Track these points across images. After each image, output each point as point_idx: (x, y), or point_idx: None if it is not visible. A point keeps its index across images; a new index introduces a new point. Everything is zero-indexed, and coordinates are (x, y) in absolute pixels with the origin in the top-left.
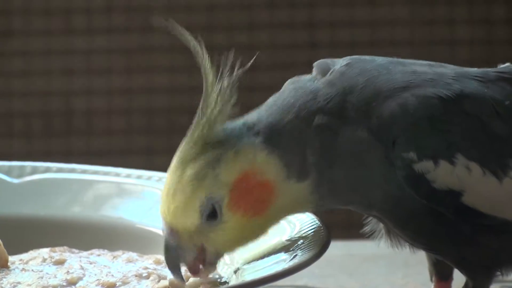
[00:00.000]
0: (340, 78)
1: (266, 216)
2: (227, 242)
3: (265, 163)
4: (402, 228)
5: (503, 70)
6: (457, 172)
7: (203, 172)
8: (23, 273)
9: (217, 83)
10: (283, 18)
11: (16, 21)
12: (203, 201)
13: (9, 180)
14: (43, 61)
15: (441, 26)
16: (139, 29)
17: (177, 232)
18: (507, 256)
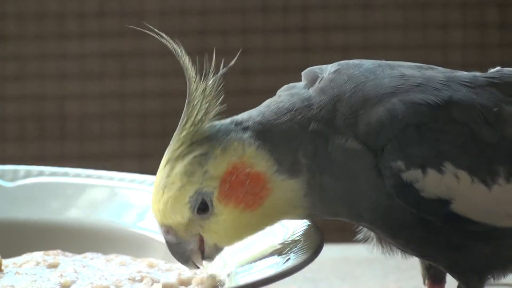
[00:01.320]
0: (330, 85)
1: (260, 212)
2: (222, 234)
3: (254, 156)
4: (392, 237)
5: (493, 75)
6: (446, 181)
7: (191, 169)
8: (17, 277)
9: (202, 82)
10: (276, 22)
11: (9, 25)
12: (192, 196)
13: (2, 183)
14: (37, 65)
15: (434, 30)
16: (132, 34)
17: (171, 229)
18: (497, 261)
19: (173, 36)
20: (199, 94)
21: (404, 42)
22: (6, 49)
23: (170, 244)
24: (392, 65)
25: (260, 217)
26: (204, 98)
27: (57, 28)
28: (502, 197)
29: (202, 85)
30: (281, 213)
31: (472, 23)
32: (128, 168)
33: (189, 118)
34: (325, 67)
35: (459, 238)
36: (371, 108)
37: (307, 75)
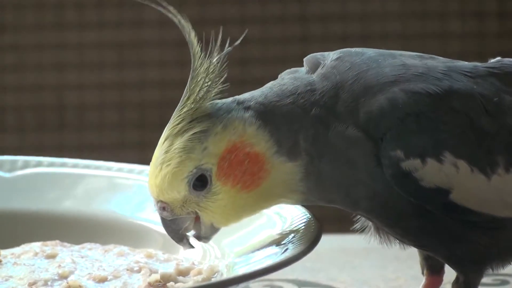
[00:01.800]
0: (332, 72)
1: (257, 193)
2: (219, 213)
3: (254, 136)
4: (390, 227)
5: (493, 65)
6: (445, 170)
7: (191, 145)
8: (15, 267)
9: (206, 60)
10: (275, 12)
11: (8, 15)
12: (191, 171)
13: (0, 174)
14: (35, 56)
15: (433, 20)
16: (131, 24)
17: (167, 205)
18: (496, 251)
19: (172, 28)
20: (203, 71)
21: (402, 32)
22: (5, 40)
23: (165, 221)
24: (393, 54)
25: (257, 199)
26: (207, 75)
27: (55, 18)
28: (501, 187)
29: (206, 62)
30: (277, 196)
31: (470, 13)
32: (127, 159)
33: (191, 95)
34: (327, 54)
35: (458, 229)
36: (372, 97)
37: (309, 61)
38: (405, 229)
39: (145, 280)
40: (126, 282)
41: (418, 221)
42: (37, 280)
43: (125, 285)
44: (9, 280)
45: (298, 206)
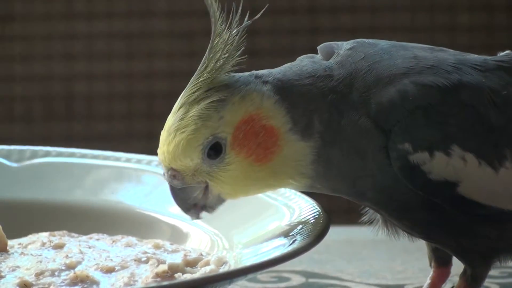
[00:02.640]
0: (348, 60)
1: (268, 168)
2: (229, 184)
3: (271, 110)
4: (398, 219)
5: (503, 59)
6: (453, 163)
7: (207, 113)
8: (22, 257)
9: (225, 30)
10: (284, 4)
11: (17, 5)
12: (206, 139)
13: (8, 164)
14: (44, 46)
15: (441, 12)
16: (140, 14)
17: (178, 173)
18: (504, 244)
19: (180, 18)
20: (223, 41)
21: (411, 24)
22: (14, 30)
23: (174, 190)
24: (405, 46)
25: (267, 174)
26: (226, 46)
27: (64, 9)
28: (509, 180)
29: (226, 33)
30: (287, 175)
31: (479, 5)
32: (135, 149)
33: (209, 64)
34: (341, 43)
35: (466, 222)
36: (383, 88)
37: (323, 50)
38: (413, 221)
39: (152, 270)
40: (133, 273)
41: (425, 213)
42: (44, 270)
43: (132, 275)
44: (16, 270)
45: (306, 198)
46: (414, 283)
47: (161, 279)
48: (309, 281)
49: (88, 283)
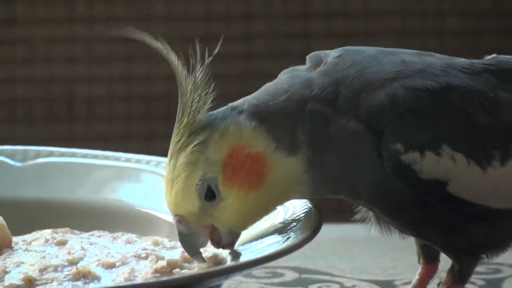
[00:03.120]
0: (333, 69)
1: (264, 191)
2: (233, 218)
3: (251, 136)
4: (390, 217)
5: (489, 62)
6: (443, 163)
7: (194, 158)
8: (26, 254)
9: (190, 76)
10: (278, 9)
11: (19, 9)
12: (198, 183)
13: (12, 163)
14: (45, 49)
15: (431, 18)
16: (138, 19)
17: (183, 219)
18: (491, 241)
19: (178, 22)
20: (190, 88)
21: (402, 29)
22: (16, 33)
23: (181, 235)
24: (393, 52)
25: (266, 196)
26: (195, 90)
27: (65, 13)
28: (496, 179)
29: (191, 79)
30: (284, 190)
31: (467, 11)
32: (134, 149)
33: (184, 111)
34: (329, 52)
35: (455, 219)
36: (373, 92)
37: (312, 59)
38: (405, 219)
39: (152, 266)
40: (133, 269)
41: (417, 211)
42: (48, 266)
43: (132, 271)
44: (20, 266)
45: None
46: (403, 279)
47: (160, 274)
48: (302, 277)
49: (90, 279)
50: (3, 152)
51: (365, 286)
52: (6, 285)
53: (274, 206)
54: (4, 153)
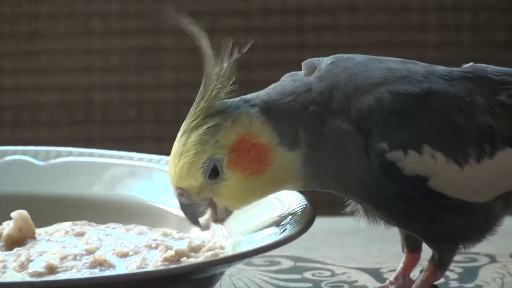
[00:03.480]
0: (327, 74)
1: (263, 179)
2: (231, 198)
3: (259, 129)
4: (377, 209)
5: (466, 70)
6: (424, 161)
7: (205, 138)
8: (48, 244)
9: (218, 65)
10: (275, 23)
11: (42, 24)
12: (205, 162)
13: (36, 162)
14: (65, 60)
15: (413, 31)
16: (150, 32)
17: (185, 191)
18: (468, 232)
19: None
20: (215, 75)
21: (387, 41)
22: (39, 45)
23: (183, 206)
24: (380, 60)
25: (263, 184)
26: (218, 78)
27: (83, 27)
28: (472, 176)
29: (217, 67)
30: (281, 181)
31: (446, 25)
32: (145, 150)
33: (205, 95)
34: (322, 59)
35: (435, 212)
36: (362, 96)
37: (307, 65)
38: (390, 211)
39: (161, 255)
40: (145, 257)
41: (400, 204)
42: (68, 255)
43: (144, 260)
44: (43, 255)
45: (295, 193)
46: (389, 267)
47: (169, 262)
48: (297, 265)
49: (105, 266)
50: (27, 152)
51: (354, 273)
52: (30, 272)
53: (268, 193)
54: (28, 153)
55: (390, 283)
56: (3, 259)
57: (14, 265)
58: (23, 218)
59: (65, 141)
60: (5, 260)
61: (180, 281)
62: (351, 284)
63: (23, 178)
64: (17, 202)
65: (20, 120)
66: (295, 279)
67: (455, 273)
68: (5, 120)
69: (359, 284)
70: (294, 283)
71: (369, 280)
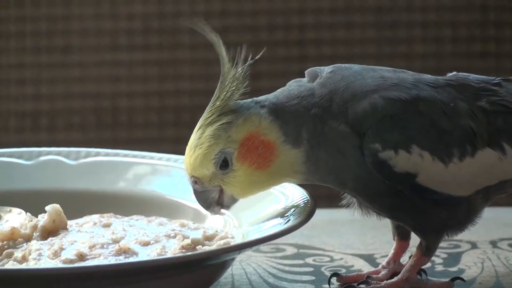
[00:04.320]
0: (328, 82)
1: (268, 172)
2: (238, 187)
3: (267, 128)
4: (370, 202)
5: (450, 78)
6: (413, 159)
7: (218, 133)
8: (79, 234)
9: (233, 69)
10: (279, 38)
11: (74, 39)
12: (217, 154)
13: (68, 162)
14: (95, 71)
15: (400, 43)
16: (169, 46)
17: (199, 179)
18: (452, 222)
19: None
20: (230, 77)
21: (377, 53)
22: (72, 58)
23: (196, 192)
24: (374, 69)
25: (268, 177)
26: (233, 81)
27: (111, 42)
28: (456, 173)
29: (233, 71)
30: (284, 175)
31: (430, 38)
32: (165, 150)
33: (220, 95)
34: (323, 68)
35: (422, 205)
36: (358, 101)
37: (310, 73)
38: (381, 204)
39: (179, 244)
40: (164, 246)
41: (391, 198)
42: (96, 244)
43: (163, 247)
44: (73, 244)
45: (297, 187)
46: (381, 253)
47: (186, 250)
48: (300, 252)
49: (129, 254)
50: (60, 152)
51: (350, 259)
52: (62, 259)
53: (271, 185)
54: (61, 154)
55: (383, 267)
56: (38, 248)
57: (48, 253)
58: (56, 211)
59: (94, 142)
60: (40, 249)
61: (195, 267)
62: (348, 268)
63: (56, 176)
64: (51, 197)
65: (55, 124)
66: (298, 264)
67: (440, 258)
68: (41, 124)
69: (355, 268)
70: (297, 267)
71: (364, 265)
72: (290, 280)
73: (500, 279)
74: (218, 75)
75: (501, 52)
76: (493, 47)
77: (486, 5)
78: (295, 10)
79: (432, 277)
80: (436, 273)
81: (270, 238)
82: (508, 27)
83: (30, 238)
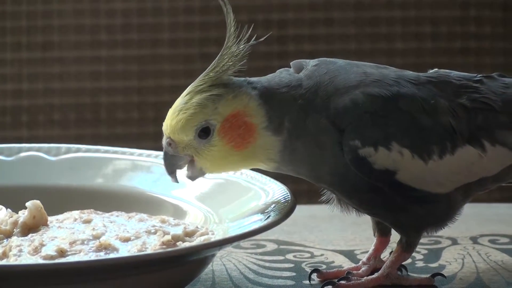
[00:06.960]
0: (314, 74)
1: (243, 154)
2: (209, 161)
3: (254, 110)
4: (349, 198)
5: (432, 75)
6: (392, 156)
7: (206, 103)
8: (59, 230)
9: (235, 44)
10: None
11: (55, 36)
12: (200, 122)
13: (48, 158)
14: (75, 67)
15: (381, 40)
16: (150, 43)
17: (174, 142)
18: (431, 219)
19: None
20: (231, 52)
21: (358, 49)
22: (52, 54)
23: (166, 155)
24: (357, 64)
25: (241, 158)
26: (233, 56)
27: (91, 38)
28: (435, 170)
29: (235, 46)
30: (257, 160)
31: (410, 34)
32: (146, 146)
33: (217, 66)
34: (308, 61)
35: (402, 201)
36: (340, 96)
37: (295, 65)
38: (360, 200)
39: (159, 240)
40: (145, 242)
41: (370, 194)
42: (76, 240)
43: (144, 243)
44: (54, 240)
45: (278, 183)
46: (362, 249)
47: (166, 246)
48: (280, 247)
49: (110, 250)
50: (40, 149)
51: (331, 255)
52: (43, 255)
53: (242, 168)
54: (42, 150)
55: (363, 263)
56: (19, 244)
57: (29, 249)
58: (37, 207)
59: (75, 139)
60: (21, 245)
61: (176, 263)
62: (328, 264)
63: (37, 172)
64: (31, 193)
65: (35, 121)
66: (278, 260)
67: (421, 254)
68: (22, 120)
69: (336, 264)
70: (278, 263)
71: (344, 261)
72: (270, 276)
73: (481, 275)
74: (199, 71)
75: (481, 49)
76: (473, 43)
77: (466, 1)
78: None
79: (412, 273)
80: (417, 269)
81: (251, 234)
82: (488, 23)
83: (11, 234)
